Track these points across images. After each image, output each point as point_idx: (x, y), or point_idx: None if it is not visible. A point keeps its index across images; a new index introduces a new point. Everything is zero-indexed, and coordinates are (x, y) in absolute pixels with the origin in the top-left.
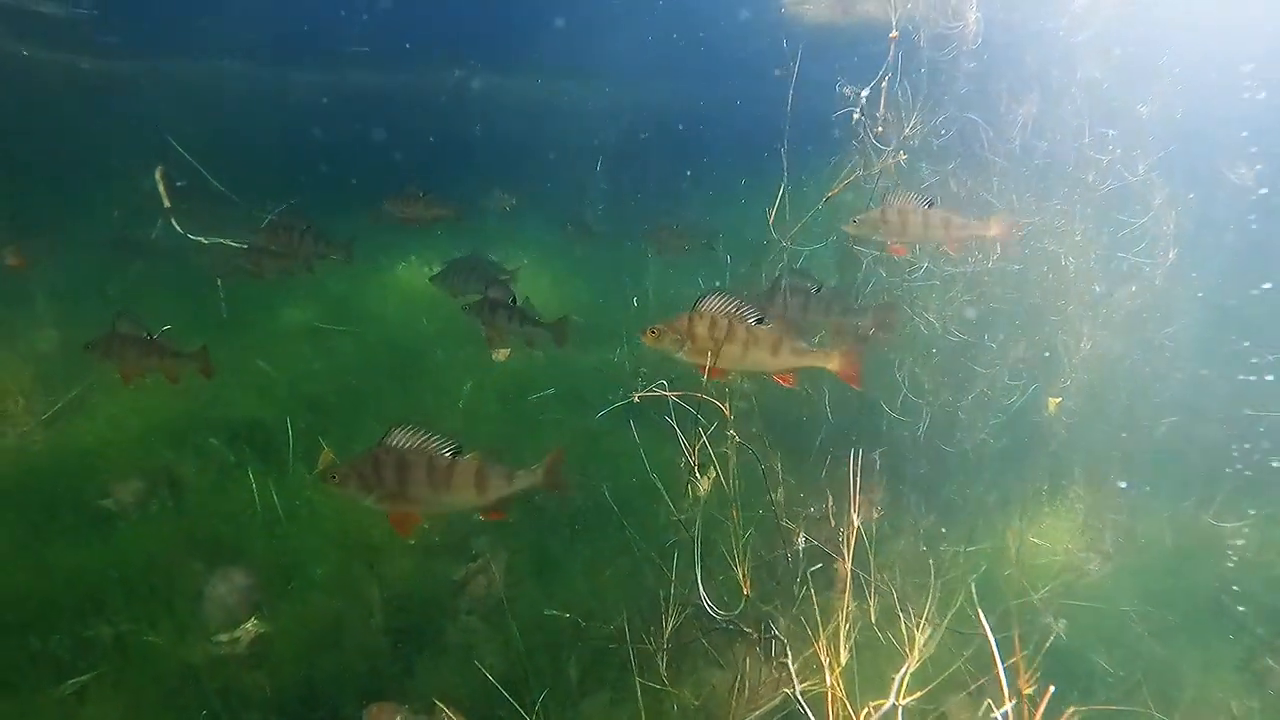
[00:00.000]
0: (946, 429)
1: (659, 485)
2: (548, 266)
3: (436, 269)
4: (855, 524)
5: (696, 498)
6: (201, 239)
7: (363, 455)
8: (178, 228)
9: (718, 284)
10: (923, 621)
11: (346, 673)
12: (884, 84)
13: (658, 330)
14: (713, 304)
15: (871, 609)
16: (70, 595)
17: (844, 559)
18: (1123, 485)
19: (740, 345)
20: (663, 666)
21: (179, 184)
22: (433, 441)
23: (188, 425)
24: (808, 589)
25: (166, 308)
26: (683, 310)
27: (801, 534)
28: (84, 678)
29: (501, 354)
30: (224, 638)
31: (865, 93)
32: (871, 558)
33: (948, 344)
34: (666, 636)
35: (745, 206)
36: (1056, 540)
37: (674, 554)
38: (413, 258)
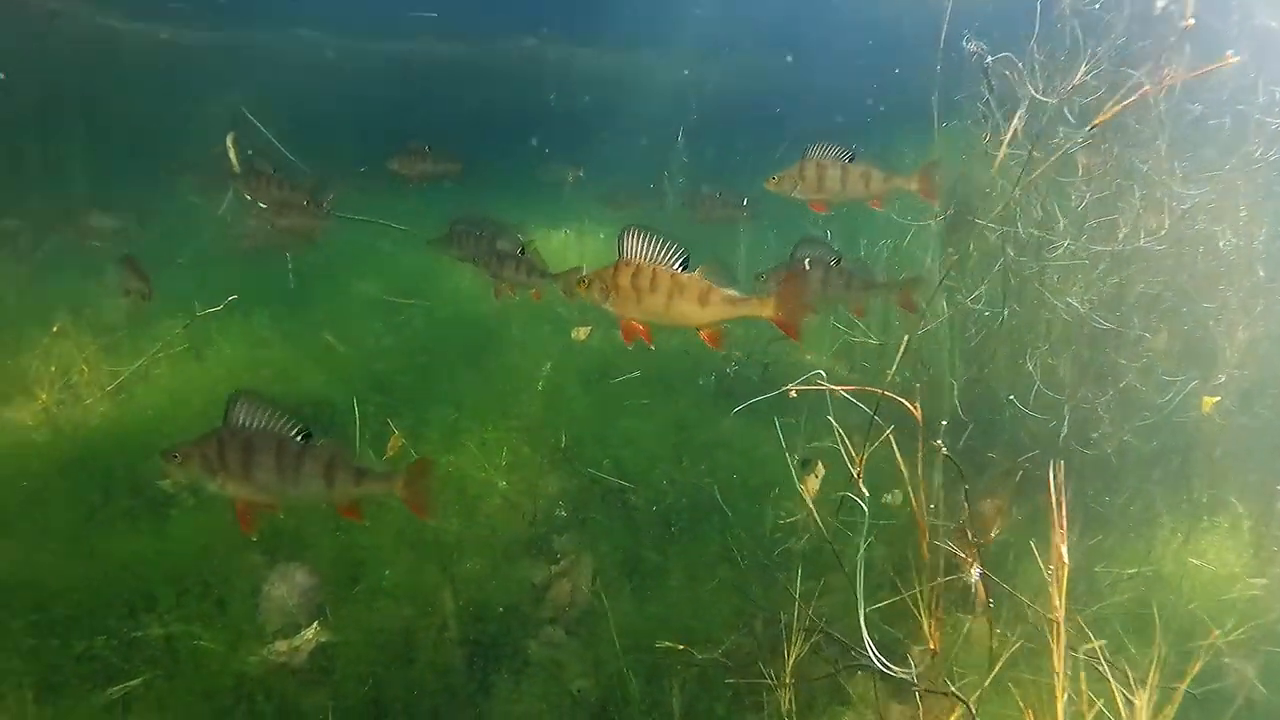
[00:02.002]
0: (1084, 429)
1: (755, 483)
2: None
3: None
4: (1063, 557)
5: (856, 505)
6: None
7: (206, 434)
8: (247, 196)
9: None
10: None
11: (417, 692)
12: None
13: (588, 279)
14: (636, 247)
15: (1058, 658)
16: (120, 588)
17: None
18: None
19: (664, 296)
20: (785, 704)
21: (249, 152)
22: (279, 422)
23: None
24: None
25: (235, 278)
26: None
27: (975, 562)
28: (131, 683)
29: (581, 333)
30: (282, 646)
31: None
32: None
33: (1086, 332)
34: (789, 669)
35: None
36: (1218, 561)
37: (784, 565)
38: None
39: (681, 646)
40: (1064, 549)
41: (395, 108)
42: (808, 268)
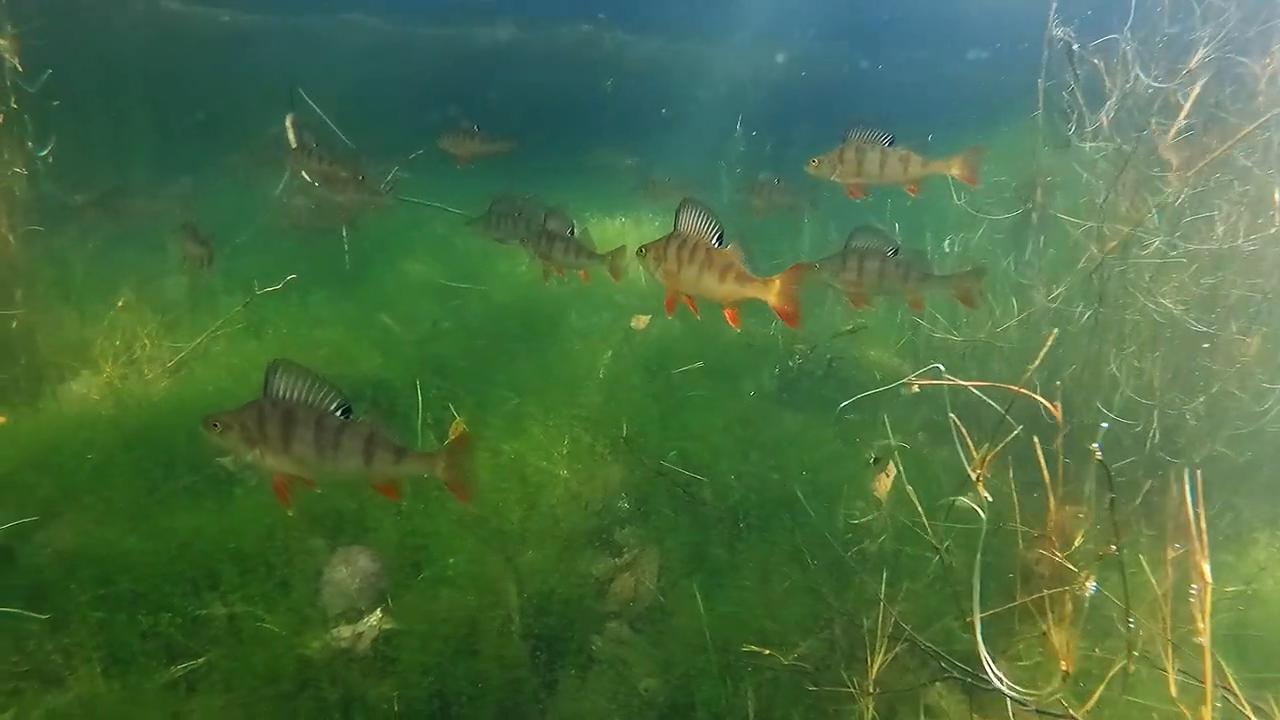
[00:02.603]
0: (1172, 436)
1: (824, 480)
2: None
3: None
4: (1205, 575)
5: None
6: (327, 191)
7: (247, 405)
8: (306, 177)
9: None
10: None
11: (482, 686)
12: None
13: (645, 248)
14: (690, 220)
15: (1171, 679)
16: (183, 565)
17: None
18: None
19: (698, 268)
20: (866, 714)
21: (306, 135)
22: (319, 395)
23: None
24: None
25: (292, 258)
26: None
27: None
28: (194, 662)
29: (640, 321)
30: (345, 632)
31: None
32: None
33: (1176, 335)
34: (873, 678)
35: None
36: None
37: (859, 567)
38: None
39: (765, 650)
40: (1206, 566)
41: (449, 93)
42: (863, 258)
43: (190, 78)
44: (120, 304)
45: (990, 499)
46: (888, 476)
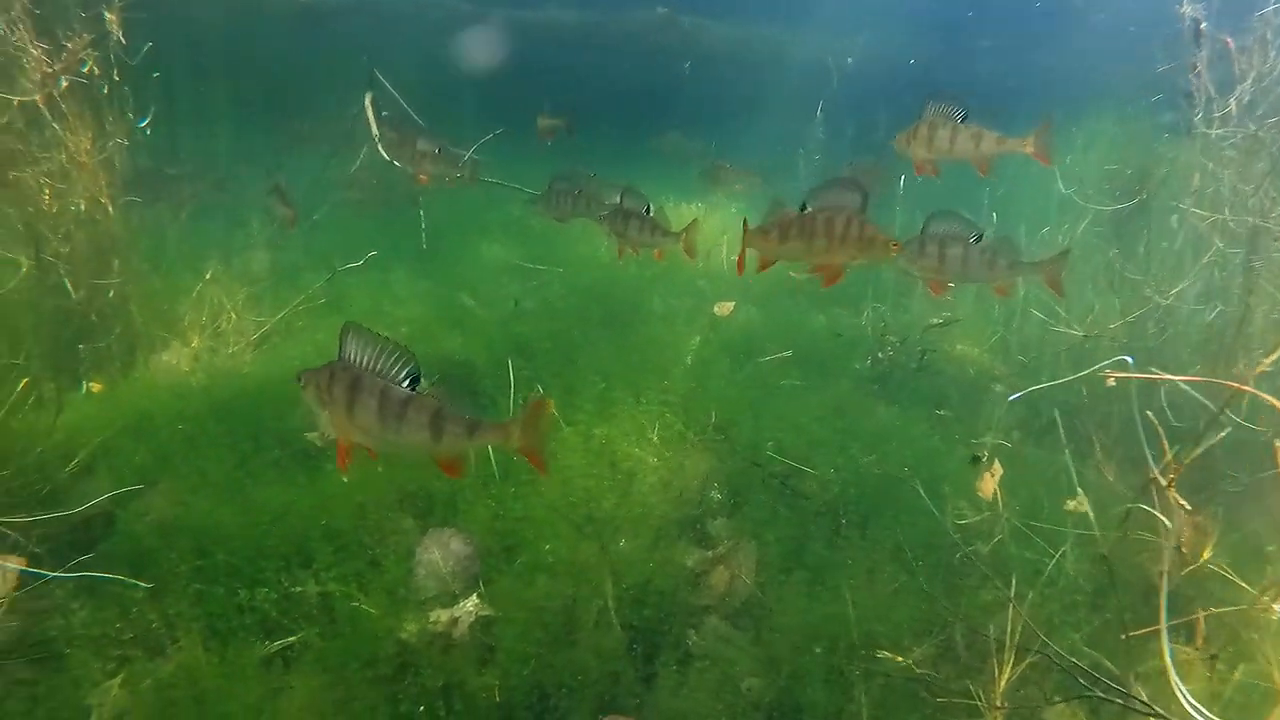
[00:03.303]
0: None
1: (925, 477)
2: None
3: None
4: None
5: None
6: (407, 167)
7: (326, 364)
8: (384, 154)
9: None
10: None
11: (580, 677)
12: None
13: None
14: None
15: None
16: (276, 540)
17: None
18: None
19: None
20: None
21: (384, 113)
22: (392, 361)
23: None
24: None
25: (370, 234)
26: None
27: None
28: (289, 639)
29: (724, 308)
30: (442, 616)
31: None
32: None
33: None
34: (1002, 690)
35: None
36: None
37: (967, 570)
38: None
39: (880, 653)
40: None
41: (526, 74)
42: (944, 243)
43: (268, 55)
44: (208, 276)
45: (1187, 507)
46: (993, 476)
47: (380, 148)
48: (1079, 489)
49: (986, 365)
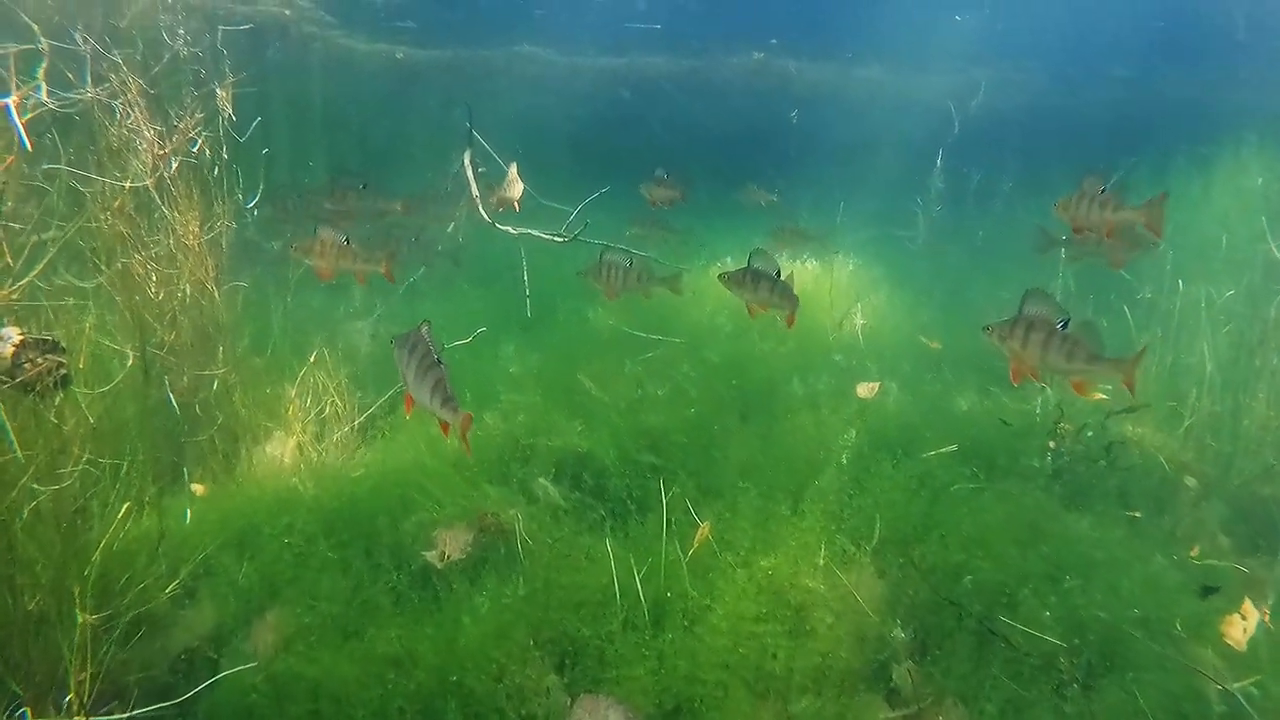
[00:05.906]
0: None
1: (1152, 615)
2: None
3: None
4: None
5: None
6: (510, 229)
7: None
8: (485, 216)
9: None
10: None
11: None
12: None
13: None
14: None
15: None
16: (401, 699)
17: None
18: None
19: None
20: None
21: (481, 170)
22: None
23: (510, 453)
24: None
25: (470, 300)
26: None
27: None
28: None
29: (869, 388)
30: None
31: None
32: None
33: None
34: None
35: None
36: None
37: None
38: (728, 259)
39: None
40: None
41: (618, 123)
42: (1030, 326)
43: (363, 115)
44: (312, 358)
45: None
46: (1244, 619)
47: (479, 207)
48: None
49: (1174, 455)
